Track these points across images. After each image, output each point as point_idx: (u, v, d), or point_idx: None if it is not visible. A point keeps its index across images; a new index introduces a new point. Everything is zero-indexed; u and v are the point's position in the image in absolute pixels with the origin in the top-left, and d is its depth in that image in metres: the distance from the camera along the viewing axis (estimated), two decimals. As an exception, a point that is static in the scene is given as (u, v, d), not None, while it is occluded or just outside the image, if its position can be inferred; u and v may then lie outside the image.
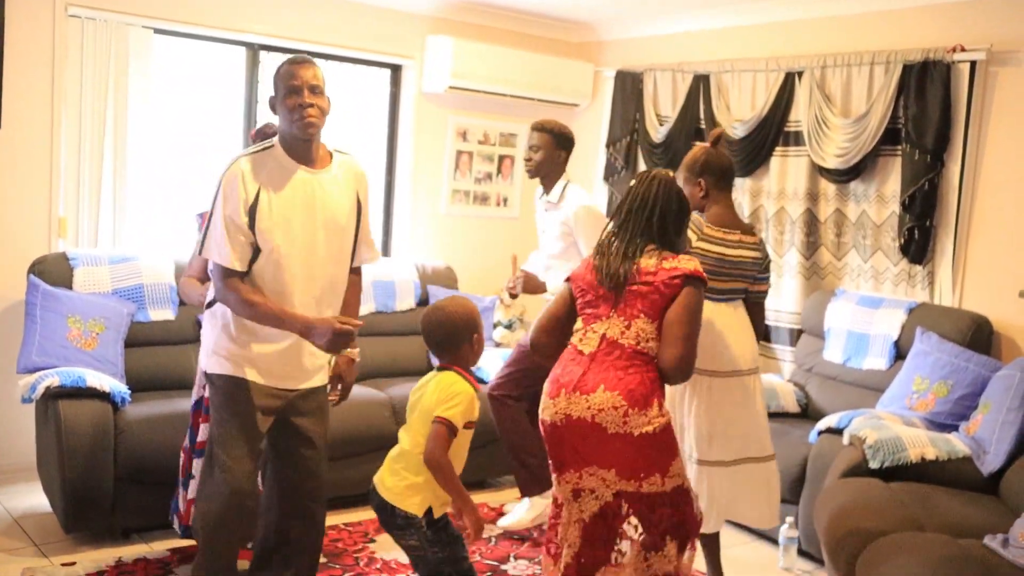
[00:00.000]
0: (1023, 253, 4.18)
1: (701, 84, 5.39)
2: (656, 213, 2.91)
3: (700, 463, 3.33)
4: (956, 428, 3.84)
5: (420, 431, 2.78)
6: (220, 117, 5.11)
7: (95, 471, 3.68)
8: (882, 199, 4.62)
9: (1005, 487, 3.52)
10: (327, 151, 2.98)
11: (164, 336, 4.35)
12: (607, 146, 5.94)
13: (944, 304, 4.40)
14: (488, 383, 4.34)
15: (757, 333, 3.49)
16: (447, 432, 2.70)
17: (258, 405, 2.91)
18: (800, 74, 4.90)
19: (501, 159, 6.05)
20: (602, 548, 2.83)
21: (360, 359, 3.26)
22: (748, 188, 5.19)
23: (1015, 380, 3.67)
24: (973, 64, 4.25)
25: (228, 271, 2.82)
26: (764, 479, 3.43)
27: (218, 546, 2.96)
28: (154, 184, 4.79)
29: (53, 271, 4.16)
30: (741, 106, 5.20)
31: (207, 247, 2.85)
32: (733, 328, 3.36)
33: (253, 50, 5.13)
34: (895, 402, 4.07)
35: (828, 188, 4.83)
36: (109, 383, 3.82)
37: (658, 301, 2.80)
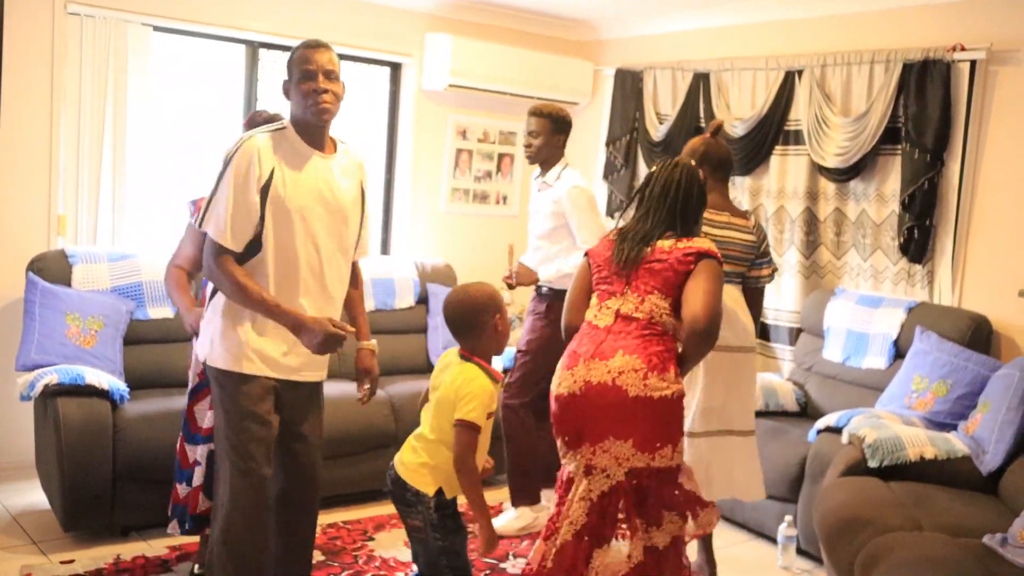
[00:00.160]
0: (1023, 252, 4.18)
1: (701, 83, 5.38)
2: (679, 200, 2.95)
3: (689, 435, 3.35)
4: (955, 427, 3.85)
5: (437, 417, 2.77)
6: (219, 115, 5.11)
7: (94, 469, 3.68)
8: (882, 198, 4.62)
9: (1004, 486, 3.52)
10: (331, 138, 2.92)
11: (163, 334, 4.35)
12: (607, 144, 5.93)
13: (943, 303, 4.40)
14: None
15: (754, 319, 3.52)
16: (471, 435, 2.68)
17: (268, 400, 2.83)
18: (800, 73, 4.89)
19: (501, 157, 6.04)
20: (608, 527, 2.85)
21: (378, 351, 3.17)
22: (748, 187, 5.18)
23: (1014, 379, 3.67)
24: (973, 63, 4.24)
25: (222, 249, 2.71)
26: (747, 452, 3.47)
27: (249, 555, 2.86)
28: (153, 182, 4.79)
29: (52, 268, 4.16)
30: (741, 105, 5.20)
31: (207, 220, 2.73)
32: (727, 307, 3.37)
33: (252, 48, 5.13)
34: (894, 401, 4.07)
35: (828, 187, 4.83)
36: (108, 381, 3.82)
37: (672, 278, 2.85)
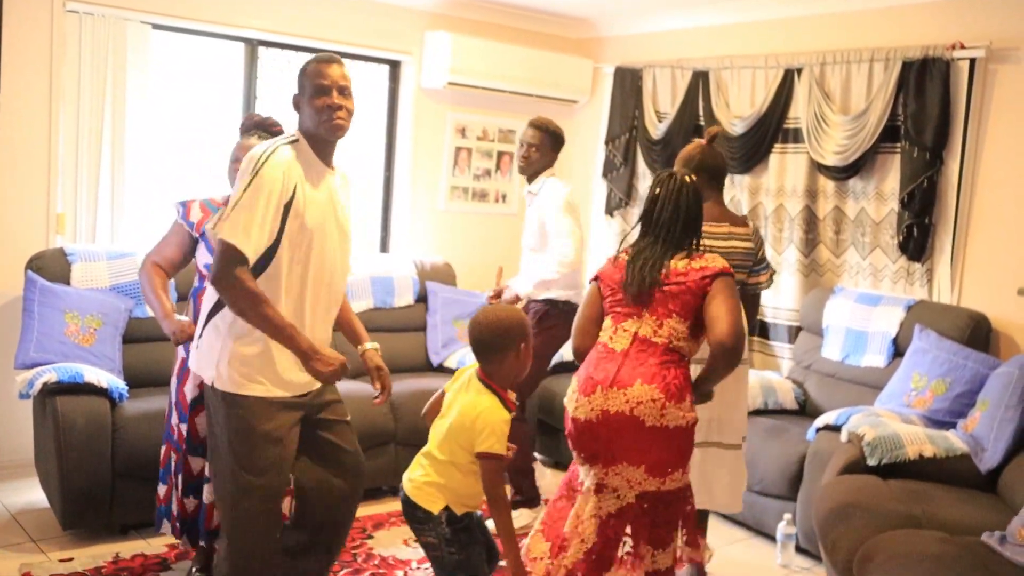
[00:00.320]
0: (1022, 250, 4.18)
1: (700, 81, 5.38)
2: (689, 220, 2.96)
3: None
4: (954, 425, 3.85)
5: (450, 439, 2.74)
6: (218, 113, 5.10)
7: (93, 467, 3.68)
8: (881, 196, 4.62)
9: (1003, 484, 3.53)
10: None
11: (161, 332, 4.31)
12: (606, 143, 5.93)
13: (943, 301, 4.40)
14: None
15: (749, 325, 3.52)
16: (497, 466, 2.68)
17: (284, 422, 2.76)
18: (799, 71, 4.89)
19: (500, 155, 6.04)
20: (611, 549, 2.85)
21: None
22: (747, 185, 5.18)
23: (1013, 377, 3.67)
24: (972, 61, 4.24)
25: (242, 259, 2.59)
26: (731, 466, 3.47)
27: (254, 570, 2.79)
28: (152, 180, 4.79)
29: (51, 267, 4.16)
30: (740, 103, 5.19)
31: (227, 227, 2.59)
32: None
33: (251, 46, 5.12)
34: (893, 399, 4.07)
35: (827, 185, 4.83)
36: (107, 379, 3.82)
37: (690, 301, 2.85)
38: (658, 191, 2.97)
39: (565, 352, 5.16)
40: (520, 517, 4.19)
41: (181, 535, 3.38)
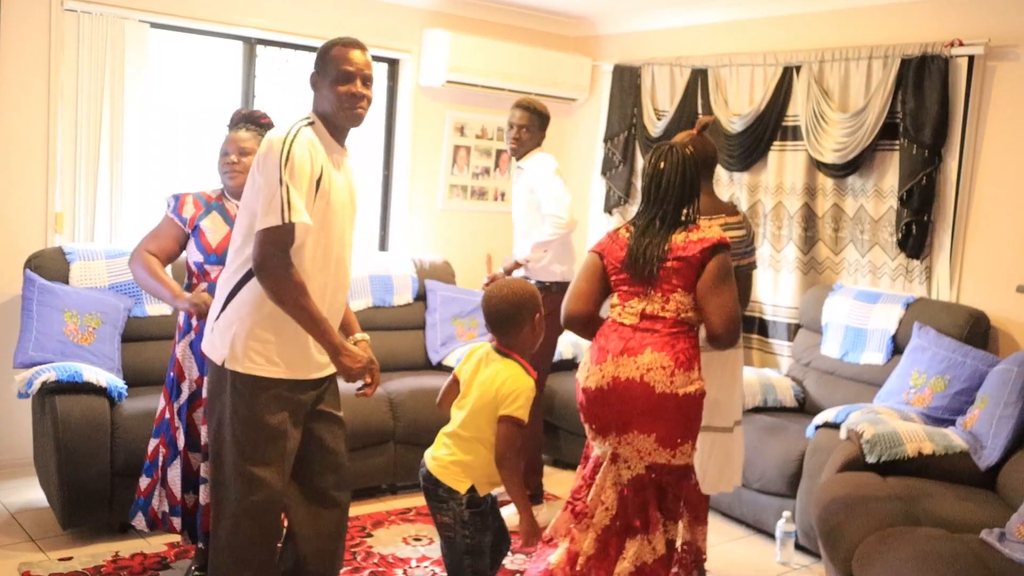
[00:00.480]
0: (1021, 248, 4.18)
1: (699, 78, 5.38)
2: (686, 189, 2.97)
3: None
4: (953, 423, 3.85)
5: (476, 415, 2.77)
6: (216, 111, 5.10)
7: (92, 466, 3.67)
8: (880, 194, 4.62)
9: (1002, 482, 3.53)
10: None
11: (161, 331, 4.34)
12: (605, 141, 5.93)
13: (942, 299, 4.40)
14: None
15: (744, 306, 3.54)
16: (517, 431, 2.72)
17: (292, 405, 2.71)
18: (798, 68, 4.89)
19: (498, 153, 6.04)
20: (632, 516, 2.91)
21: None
22: (746, 183, 5.18)
23: (1012, 375, 3.68)
24: (971, 59, 4.24)
25: (287, 242, 2.53)
26: (723, 448, 3.47)
27: (254, 559, 2.74)
28: (151, 179, 4.78)
29: (49, 266, 4.15)
30: (739, 100, 5.19)
31: (270, 217, 2.49)
32: None
33: (250, 44, 5.12)
34: (892, 397, 4.08)
35: (826, 183, 4.83)
36: (106, 378, 3.82)
37: (692, 275, 2.90)
38: (662, 164, 2.97)
39: (564, 350, 5.17)
40: None
41: (153, 527, 3.39)
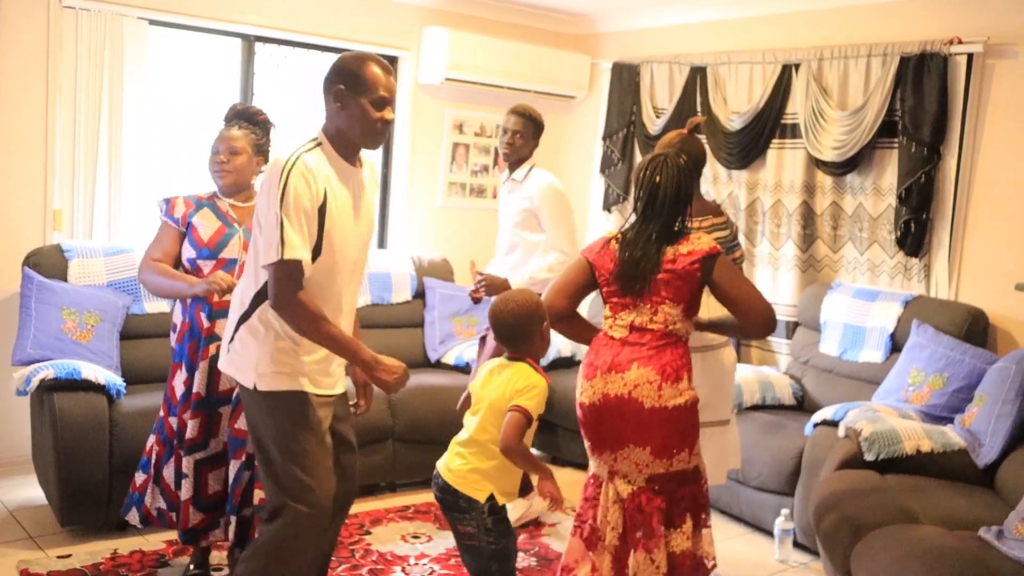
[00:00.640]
0: (1019, 246, 4.18)
1: (698, 76, 5.38)
2: (680, 202, 2.96)
3: None
4: (952, 420, 3.85)
5: (492, 421, 2.83)
6: (215, 109, 5.09)
7: (90, 463, 3.67)
8: (879, 192, 4.62)
9: (1000, 479, 3.53)
10: None
11: (159, 328, 4.34)
12: (603, 139, 5.93)
13: (940, 297, 4.40)
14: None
15: None
16: (524, 420, 2.78)
17: (322, 416, 2.74)
18: (797, 66, 4.89)
19: (497, 152, 6.03)
20: (632, 530, 2.92)
21: None
22: (745, 181, 5.18)
23: (1011, 373, 3.68)
24: (970, 57, 4.24)
25: (298, 276, 2.56)
26: (718, 440, 3.47)
27: (293, 572, 2.74)
28: (149, 176, 4.77)
29: (48, 263, 4.15)
30: (738, 98, 5.19)
31: (270, 253, 2.54)
32: (707, 306, 3.38)
33: (248, 41, 5.12)
34: (891, 395, 4.08)
35: (825, 181, 4.83)
36: (104, 375, 3.82)
37: (681, 287, 2.90)
38: (658, 179, 2.95)
39: (563, 348, 5.17)
40: (515, 508, 4.19)
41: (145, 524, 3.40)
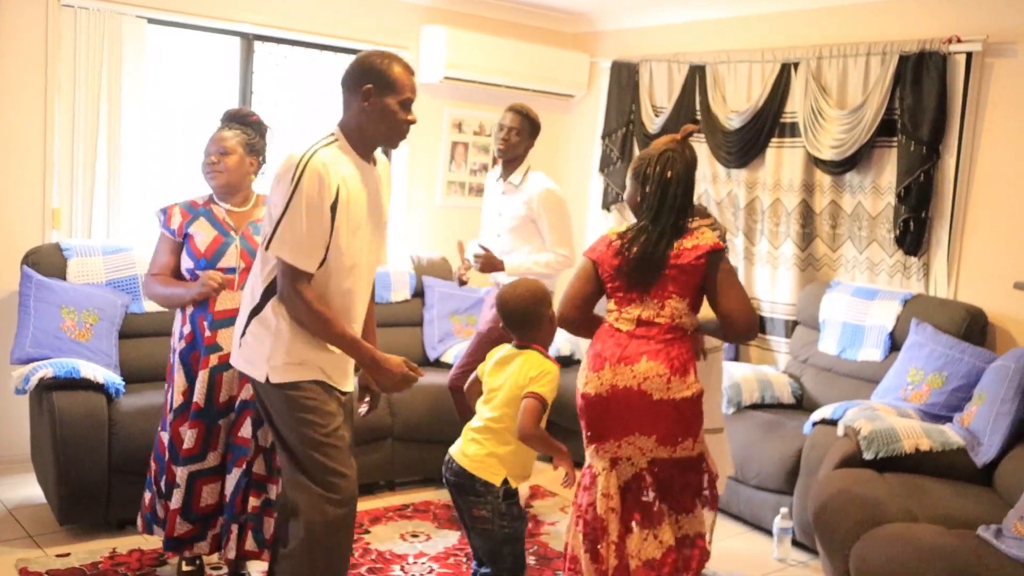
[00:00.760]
0: (1018, 244, 4.18)
1: (697, 75, 5.38)
2: (687, 200, 2.98)
3: None
4: (951, 419, 3.85)
5: (507, 410, 2.90)
6: (214, 108, 5.08)
7: (89, 462, 3.67)
8: (878, 190, 4.62)
9: (999, 478, 3.53)
10: None
11: (158, 327, 4.33)
12: (602, 137, 5.93)
13: (939, 295, 4.40)
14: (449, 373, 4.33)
15: None
16: (540, 406, 2.86)
17: (336, 409, 2.75)
18: (796, 65, 4.89)
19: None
20: (629, 512, 2.97)
21: None
22: (744, 179, 5.18)
23: (1009, 371, 3.68)
24: (969, 55, 4.24)
25: (301, 274, 2.59)
26: (716, 452, 3.47)
27: (336, 561, 2.76)
28: (148, 175, 4.77)
29: (46, 262, 4.15)
30: (737, 97, 5.19)
31: (280, 245, 2.58)
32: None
33: (247, 40, 5.11)
34: (890, 393, 4.08)
35: (824, 179, 4.83)
36: (103, 374, 3.81)
37: (687, 281, 2.94)
38: (669, 174, 2.95)
39: (562, 347, 5.17)
40: None
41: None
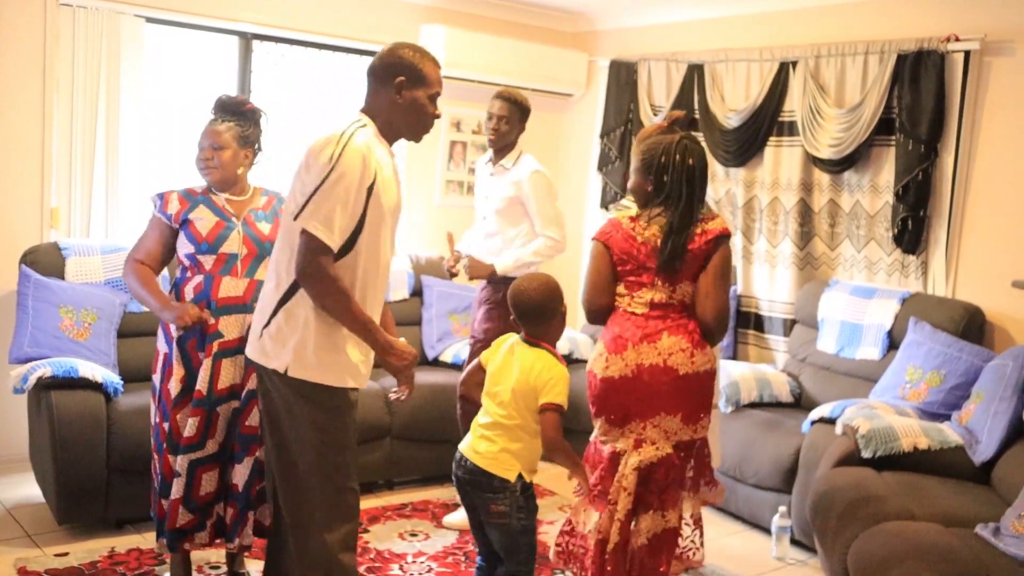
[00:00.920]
0: (1016, 243, 4.18)
1: (695, 74, 5.38)
2: (698, 190, 3.00)
3: None
4: (949, 418, 3.86)
5: (515, 404, 2.89)
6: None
7: (88, 462, 3.67)
8: (876, 189, 4.62)
9: (997, 477, 3.54)
10: None
11: (157, 327, 4.33)
12: (601, 136, 5.93)
13: (937, 294, 4.40)
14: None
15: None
16: (560, 417, 2.87)
17: (354, 412, 2.74)
18: (794, 64, 4.89)
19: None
20: (651, 495, 2.99)
21: None
22: (742, 178, 5.18)
23: (1007, 370, 3.68)
24: (967, 54, 4.24)
25: (327, 249, 2.53)
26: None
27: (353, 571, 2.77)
28: (146, 174, 4.77)
29: (45, 261, 4.15)
30: (735, 96, 5.19)
31: (309, 217, 2.52)
32: None
33: (246, 39, 5.11)
34: (888, 392, 4.08)
35: (822, 178, 4.83)
36: (102, 373, 3.81)
37: (695, 265, 2.98)
38: (691, 160, 2.98)
39: (561, 346, 5.16)
40: None
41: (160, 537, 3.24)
